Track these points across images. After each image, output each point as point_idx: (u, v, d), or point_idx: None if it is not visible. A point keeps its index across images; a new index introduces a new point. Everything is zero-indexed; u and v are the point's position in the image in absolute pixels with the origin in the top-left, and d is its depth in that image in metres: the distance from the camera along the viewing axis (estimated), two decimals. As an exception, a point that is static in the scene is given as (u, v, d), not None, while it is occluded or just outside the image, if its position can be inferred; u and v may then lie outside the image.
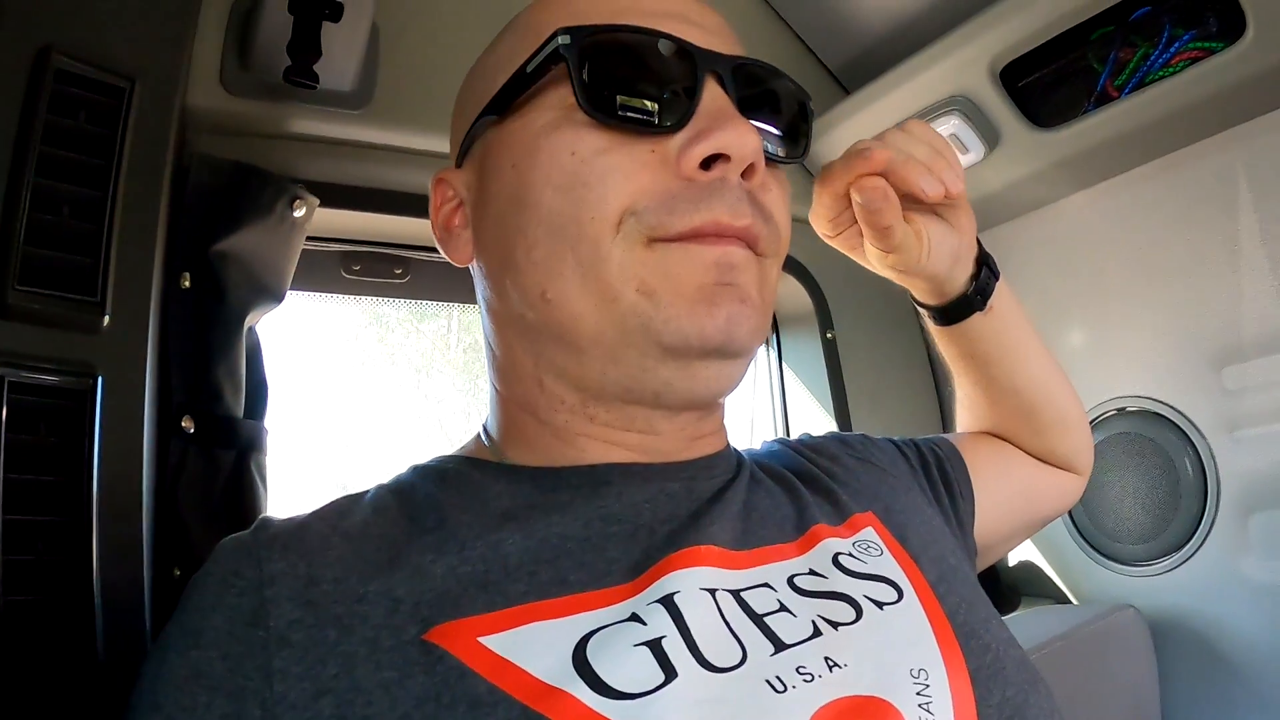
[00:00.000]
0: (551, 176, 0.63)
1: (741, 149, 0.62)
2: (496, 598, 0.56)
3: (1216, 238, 1.22)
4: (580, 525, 0.62)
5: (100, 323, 0.80)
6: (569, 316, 0.64)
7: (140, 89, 0.85)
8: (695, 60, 0.64)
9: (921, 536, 0.73)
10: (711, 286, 0.61)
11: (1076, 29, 1.18)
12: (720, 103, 0.64)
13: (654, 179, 0.62)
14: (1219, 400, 1.24)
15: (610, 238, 0.61)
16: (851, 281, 1.64)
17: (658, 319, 0.61)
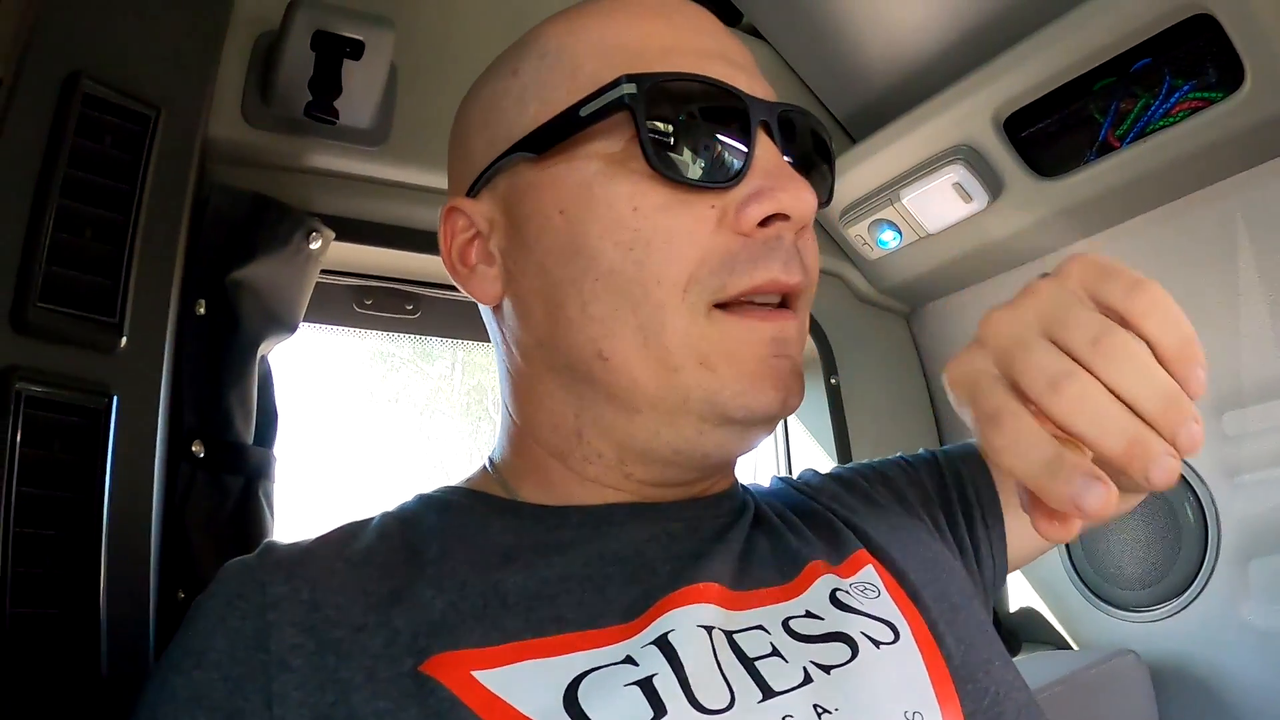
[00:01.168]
0: (611, 230, 0.62)
1: (803, 210, 0.63)
2: (493, 632, 0.57)
3: (1216, 284, 1.23)
4: (581, 564, 0.62)
5: (117, 344, 0.81)
6: (627, 379, 0.63)
7: (165, 118, 0.87)
8: (748, 109, 0.63)
9: (922, 575, 0.72)
10: (770, 360, 0.63)
11: (1078, 80, 1.21)
12: (773, 156, 0.64)
13: (714, 239, 0.62)
14: (1219, 446, 1.24)
15: (676, 303, 0.61)
16: (856, 328, 1.66)
17: (724, 392, 0.62)
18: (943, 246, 1.50)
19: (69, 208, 0.78)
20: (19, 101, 0.77)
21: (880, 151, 1.44)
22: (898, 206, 1.46)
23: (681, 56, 0.65)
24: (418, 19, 1.23)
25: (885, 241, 1.53)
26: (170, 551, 0.91)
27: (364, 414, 1.46)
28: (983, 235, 1.44)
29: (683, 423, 0.64)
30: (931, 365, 1.70)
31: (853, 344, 1.63)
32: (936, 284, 1.61)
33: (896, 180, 1.45)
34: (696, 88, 0.63)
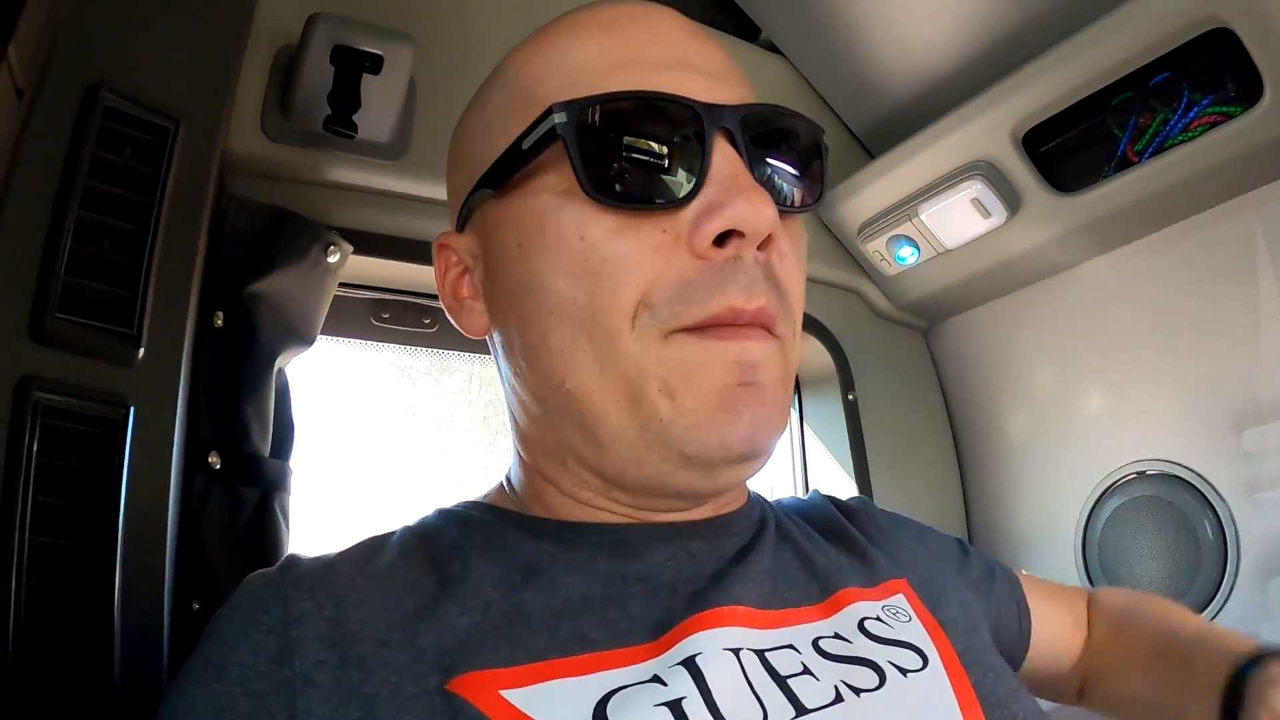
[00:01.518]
0: (561, 262, 0.61)
1: (757, 224, 0.59)
2: (519, 651, 0.56)
3: (1236, 300, 1.22)
4: (602, 584, 0.62)
5: (135, 355, 0.82)
6: (591, 411, 0.62)
7: (184, 130, 0.88)
8: (701, 118, 0.60)
9: (954, 609, 0.72)
10: (734, 389, 0.59)
11: (1097, 95, 1.20)
12: (731, 166, 0.60)
13: (667, 263, 0.60)
14: (1238, 463, 1.23)
15: (627, 331, 0.59)
16: (873, 344, 1.65)
17: (679, 425, 0.59)
18: (961, 262, 1.49)
19: (88, 219, 0.79)
20: (39, 112, 0.77)
21: (898, 167, 1.44)
22: (916, 222, 1.46)
23: (631, 71, 0.63)
24: (437, 34, 1.24)
25: (903, 257, 1.53)
26: (185, 563, 0.91)
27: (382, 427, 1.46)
28: (1001, 251, 1.44)
29: (647, 460, 0.62)
30: (949, 381, 1.70)
31: (870, 360, 1.63)
32: (955, 300, 1.61)
33: (914, 196, 1.45)
34: (634, 105, 0.61)
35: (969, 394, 1.67)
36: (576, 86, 0.63)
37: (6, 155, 0.75)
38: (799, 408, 1.67)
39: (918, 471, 1.63)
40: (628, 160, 0.60)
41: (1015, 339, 1.56)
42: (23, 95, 0.77)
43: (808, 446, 1.63)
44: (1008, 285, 1.53)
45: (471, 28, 1.29)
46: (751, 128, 0.62)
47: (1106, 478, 1.40)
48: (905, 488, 1.58)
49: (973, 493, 1.65)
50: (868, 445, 1.56)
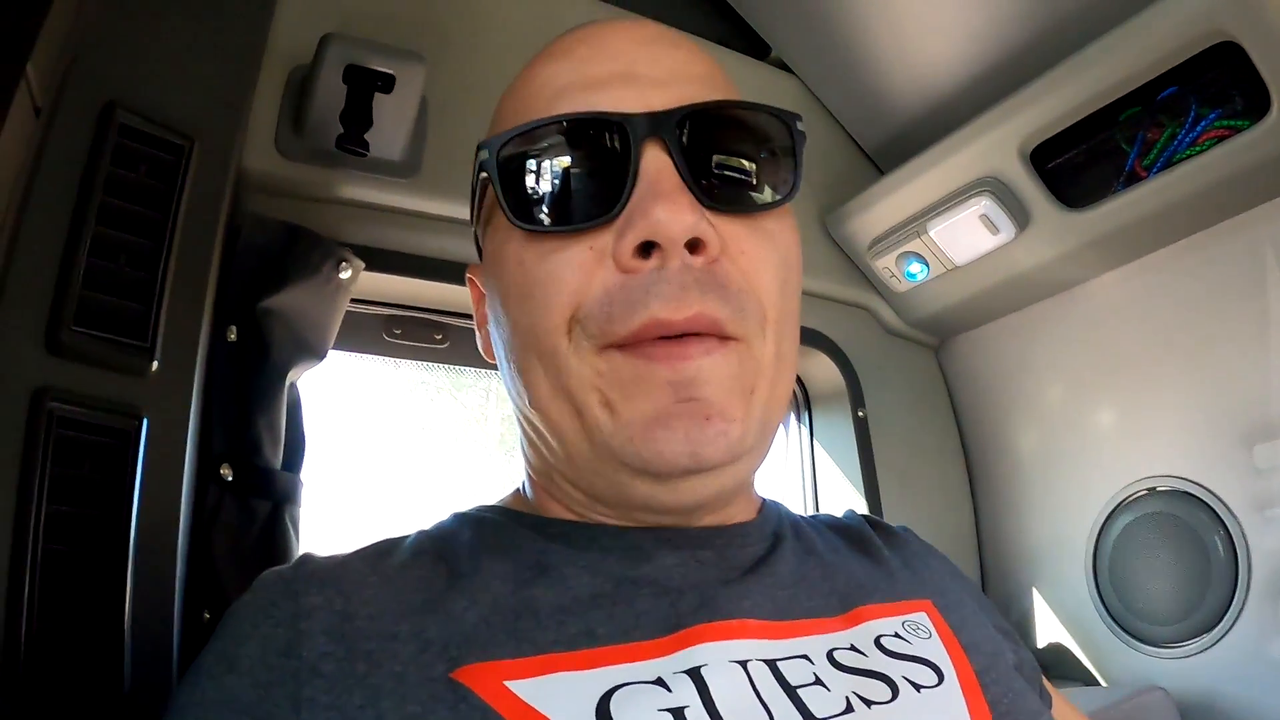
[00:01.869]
0: (510, 289, 0.65)
1: (670, 231, 0.58)
2: (525, 644, 0.57)
3: (1246, 315, 1.22)
4: (611, 585, 0.62)
5: (149, 367, 0.83)
6: (553, 427, 0.65)
7: (199, 148, 0.89)
8: (627, 130, 0.60)
9: (977, 633, 0.71)
10: (669, 407, 0.58)
11: (1104, 110, 1.21)
12: (654, 175, 0.60)
13: (590, 279, 0.60)
14: (1250, 479, 1.22)
15: (565, 347, 0.61)
16: (884, 360, 1.66)
17: (618, 439, 0.60)
18: (970, 279, 1.50)
19: (104, 234, 0.80)
20: (57, 130, 0.79)
21: (907, 184, 1.45)
22: (925, 239, 1.46)
23: (570, 94, 0.64)
24: (448, 53, 1.26)
25: (913, 274, 1.53)
26: (196, 572, 0.92)
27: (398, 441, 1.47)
28: (1010, 267, 1.44)
29: (605, 471, 0.63)
30: (960, 398, 1.70)
31: (881, 377, 1.63)
32: (965, 316, 1.61)
33: (923, 212, 1.45)
34: (554, 130, 0.62)
35: (979, 410, 1.66)
36: (525, 118, 0.65)
37: (25, 172, 0.76)
38: (809, 424, 1.66)
39: (928, 488, 1.62)
40: (548, 185, 0.62)
41: (1025, 355, 1.56)
42: (40, 113, 0.78)
43: (818, 463, 1.63)
44: (1017, 301, 1.53)
45: (483, 47, 1.30)
46: (694, 130, 0.62)
47: (1117, 494, 1.40)
48: (916, 505, 1.58)
49: (983, 510, 1.65)
50: (878, 462, 1.56)
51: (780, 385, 0.66)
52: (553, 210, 0.62)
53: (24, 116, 0.74)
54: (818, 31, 1.53)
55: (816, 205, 1.60)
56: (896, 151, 1.57)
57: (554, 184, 0.62)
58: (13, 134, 0.72)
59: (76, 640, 0.72)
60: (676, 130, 0.61)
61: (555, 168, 0.62)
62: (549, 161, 0.62)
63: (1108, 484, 1.41)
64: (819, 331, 1.59)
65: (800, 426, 1.67)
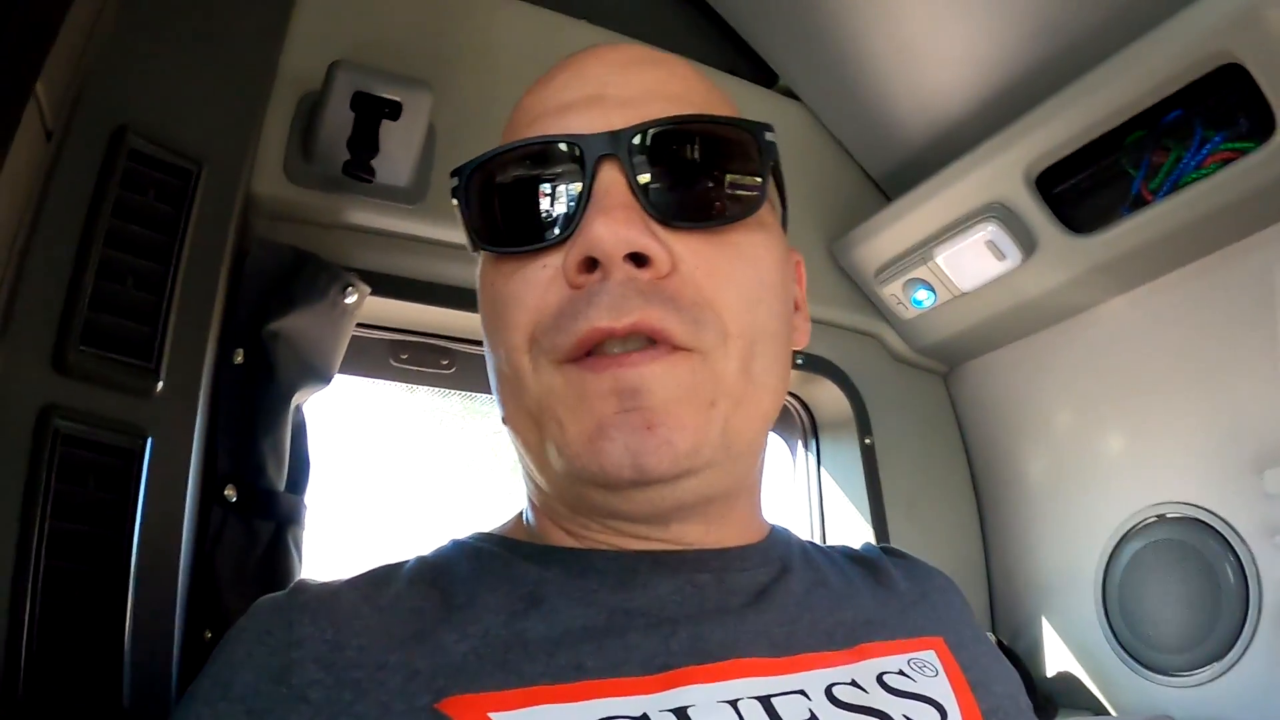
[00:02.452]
0: (485, 311, 0.67)
1: (602, 246, 0.58)
2: (511, 676, 0.56)
3: (1254, 339, 1.22)
4: (604, 617, 0.61)
5: (154, 388, 0.84)
6: (524, 442, 0.66)
7: (208, 172, 0.90)
8: (583, 150, 0.61)
9: (987, 671, 0.69)
10: (610, 417, 0.58)
11: (1109, 134, 1.21)
12: (602, 193, 0.60)
13: (546, 296, 0.61)
14: (1260, 505, 1.21)
15: (527, 366, 0.62)
16: (891, 388, 1.65)
17: (568, 453, 0.60)
18: (978, 305, 1.50)
19: (112, 257, 0.82)
20: (67, 153, 0.80)
21: (913, 210, 1.45)
22: (931, 265, 1.46)
23: (545, 120, 0.66)
24: (456, 81, 1.27)
25: (920, 301, 1.53)
26: (199, 592, 0.92)
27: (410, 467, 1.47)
28: (1017, 293, 1.44)
29: (566, 483, 0.64)
30: (968, 425, 1.69)
31: (888, 404, 1.63)
32: (973, 343, 1.61)
33: (930, 239, 1.46)
34: (516, 155, 0.64)
35: (988, 438, 1.66)
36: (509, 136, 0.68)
37: (35, 194, 0.77)
38: (816, 451, 1.66)
39: (936, 516, 1.61)
40: (509, 209, 0.64)
41: (1034, 382, 1.56)
42: (51, 136, 0.79)
43: (825, 491, 1.63)
44: (1025, 328, 1.53)
45: (489, 76, 1.32)
46: (654, 147, 0.62)
47: (1127, 521, 1.38)
48: (923, 533, 1.57)
49: (992, 537, 1.64)
50: (885, 490, 1.56)
51: (752, 404, 0.64)
52: (514, 232, 0.63)
53: (35, 139, 0.76)
54: (825, 59, 1.54)
55: (822, 232, 1.61)
56: (903, 178, 1.57)
57: (515, 206, 0.63)
58: (23, 156, 0.73)
59: (77, 657, 0.72)
60: (631, 147, 0.61)
61: (516, 191, 0.63)
62: (510, 185, 0.64)
63: (1117, 511, 1.40)
64: (826, 359, 1.59)
65: (807, 454, 1.67)
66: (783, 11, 1.53)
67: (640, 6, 1.59)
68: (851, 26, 1.46)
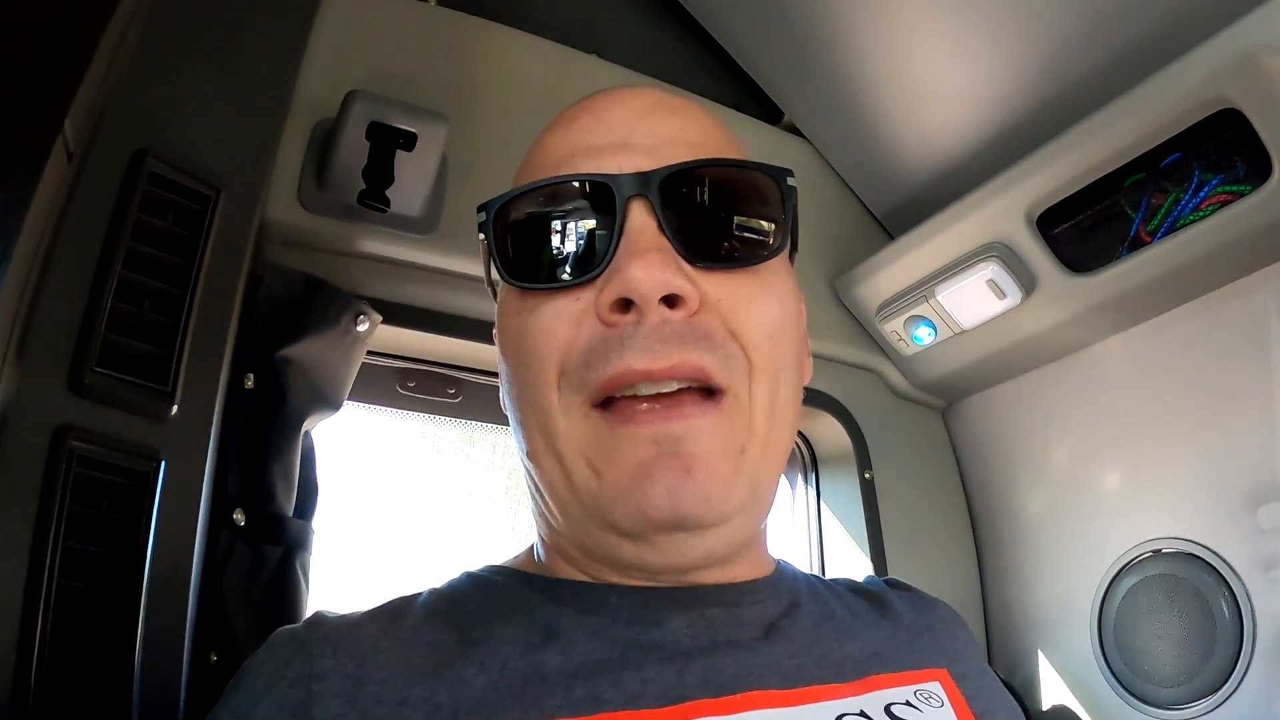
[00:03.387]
0: (508, 340, 0.67)
1: (640, 288, 0.59)
2: (531, 710, 0.57)
3: (1250, 377, 1.23)
4: (619, 650, 0.62)
5: (169, 411, 0.84)
6: (546, 481, 0.67)
7: (225, 198, 0.92)
8: (613, 191, 0.63)
9: (990, 703, 0.71)
10: (652, 461, 0.60)
11: (1109, 177, 1.23)
12: (635, 234, 0.62)
13: (577, 330, 0.63)
14: (1255, 540, 1.22)
15: (554, 403, 0.63)
16: (891, 423, 1.66)
17: (604, 499, 0.61)
18: (977, 342, 1.51)
19: (130, 279, 0.83)
20: (88, 175, 0.81)
21: (916, 249, 1.47)
22: (933, 303, 1.48)
23: (573, 162, 0.67)
24: (470, 114, 1.29)
25: (920, 338, 1.54)
26: (206, 615, 0.92)
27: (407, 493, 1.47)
28: (1017, 331, 1.45)
29: (593, 530, 0.64)
30: (967, 460, 1.70)
31: (888, 439, 1.63)
32: (972, 380, 1.62)
33: (931, 277, 1.47)
34: (545, 193, 0.65)
35: (986, 473, 1.66)
36: (533, 173, 0.69)
37: (55, 215, 0.78)
38: (816, 485, 1.67)
39: (934, 550, 1.62)
40: (540, 244, 0.65)
41: (1032, 418, 1.57)
42: (73, 157, 0.80)
43: (824, 524, 1.63)
44: (1024, 365, 1.54)
45: (504, 109, 1.34)
46: (680, 190, 0.64)
47: (1122, 556, 1.39)
48: (922, 566, 1.57)
49: (989, 571, 1.64)
50: (884, 524, 1.56)
51: (774, 441, 0.66)
52: (544, 268, 0.65)
53: (57, 160, 0.77)
54: (830, 98, 1.56)
55: (825, 269, 1.62)
56: (906, 216, 1.59)
57: (545, 243, 0.65)
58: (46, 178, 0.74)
59: (87, 677, 0.72)
60: (660, 189, 0.63)
61: (547, 227, 0.65)
62: (541, 222, 0.65)
63: (1113, 546, 1.40)
64: (826, 394, 1.60)
65: (807, 487, 1.67)
66: (789, 50, 1.56)
67: (650, 44, 1.62)
68: (857, 66, 1.49)
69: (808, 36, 1.50)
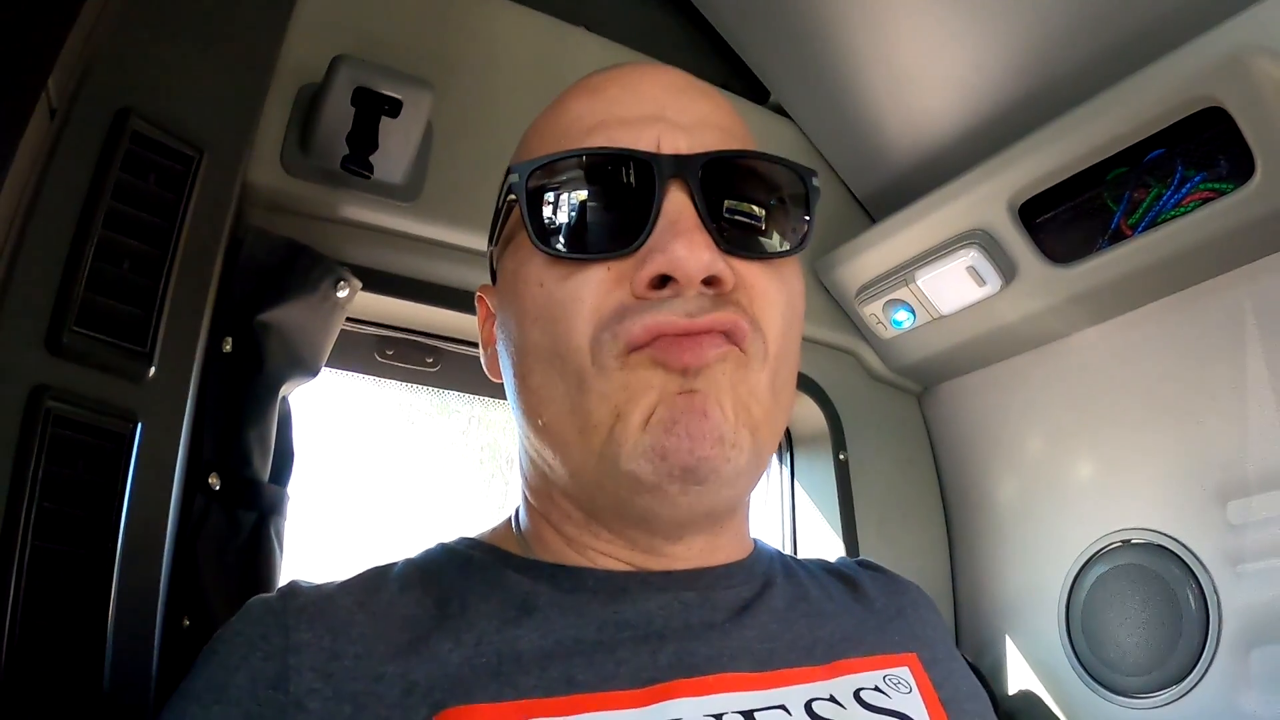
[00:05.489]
0: (530, 309, 0.66)
1: (685, 267, 0.60)
2: (506, 689, 0.58)
3: (1224, 374, 1.25)
4: (594, 629, 0.63)
5: (146, 373, 0.83)
6: (560, 443, 0.66)
7: (208, 160, 0.90)
8: (653, 168, 0.63)
9: (959, 689, 0.72)
10: (673, 398, 0.60)
11: (1092, 169, 1.23)
12: (675, 213, 0.62)
13: (608, 298, 0.63)
14: (1223, 534, 1.24)
15: (589, 367, 0.62)
16: (867, 405, 1.67)
17: (626, 445, 0.61)
18: (955, 328, 1.52)
19: (110, 239, 0.81)
20: (70, 133, 0.80)
21: (897, 233, 1.47)
22: (912, 287, 1.48)
23: (604, 130, 0.67)
24: (457, 82, 1.28)
25: (899, 321, 1.55)
26: (179, 579, 0.92)
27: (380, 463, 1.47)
28: (995, 319, 1.46)
29: (605, 485, 0.64)
30: (941, 445, 1.71)
31: (863, 421, 1.65)
32: (948, 365, 1.63)
33: (912, 261, 1.48)
34: (584, 162, 0.65)
35: (959, 458, 1.68)
36: (557, 148, 0.68)
37: (36, 172, 0.77)
38: (790, 465, 1.68)
39: (906, 533, 1.63)
40: (575, 213, 0.65)
41: (1006, 406, 1.58)
42: (55, 116, 0.79)
43: (798, 504, 1.64)
44: (1001, 352, 1.55)
45: (491, 78, 1.33)
46: (716, 176, 0.65)
47: (1092, 545, 1.41)
48: (892, 549, 1.58)
49: (959, 556, 1.66)
50: (857, 506, 1.58)
51: (773, 421, 0.67)
52: (576, 237, 0.64)
53: (40, 118, 0.75)
54: (817, 80, 1.56)
55: (806, 250, 1.62)
56: (888, 200, 1.60)
57: (580, 212, 0.65)
58: (28, 136, 0.73)
59: (59, 640, 0.72)
60: (699, 173, 0.63)
61: (582, 196, 0.65)
62: (576, 190, 0.65)
63: (1083, 535, 1.43)
64: (804, 374, 1.60)
65: (781, 467, 1.68)
66: (777, 30, 1.55)
67: (638, 18, 1.60)
68: (845, 49, 1.48)
69: (796, 17, 1.49)
